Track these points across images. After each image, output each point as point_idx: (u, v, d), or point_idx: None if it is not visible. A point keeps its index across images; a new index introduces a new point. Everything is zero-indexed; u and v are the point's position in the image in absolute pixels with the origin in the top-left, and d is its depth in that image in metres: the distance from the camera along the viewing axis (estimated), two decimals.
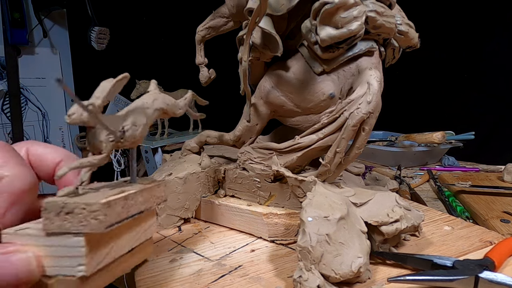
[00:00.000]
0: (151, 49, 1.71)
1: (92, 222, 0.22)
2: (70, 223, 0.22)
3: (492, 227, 0.46)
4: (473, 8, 1.08)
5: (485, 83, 1.10)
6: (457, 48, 1.14)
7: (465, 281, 0.27)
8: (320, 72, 0.36)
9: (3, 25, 1.33)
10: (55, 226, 0.22)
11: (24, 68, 1.43)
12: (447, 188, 0.65)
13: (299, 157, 0.36)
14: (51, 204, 0.21)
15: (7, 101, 1.40)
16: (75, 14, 1.50)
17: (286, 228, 0.37)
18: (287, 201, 0.38)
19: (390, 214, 0.31)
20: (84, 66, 1.58)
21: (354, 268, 0.26)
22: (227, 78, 0.69)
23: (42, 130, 1.53)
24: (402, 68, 0.57)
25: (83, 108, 0.23)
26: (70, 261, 0.22)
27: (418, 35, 0.38)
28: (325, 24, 0.31)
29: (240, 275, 0.30)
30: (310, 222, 0.27)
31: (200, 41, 0.47)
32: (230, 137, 0.44)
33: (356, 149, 0.34)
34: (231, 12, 0.43)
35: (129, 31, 1.63)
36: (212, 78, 0.48)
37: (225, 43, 0.53)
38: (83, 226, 0.22)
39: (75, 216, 0.22)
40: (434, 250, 0.34)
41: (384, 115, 0.36)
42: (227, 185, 0.43)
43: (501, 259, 0.30)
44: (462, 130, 0.89)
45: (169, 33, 1.74)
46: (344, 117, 0.32)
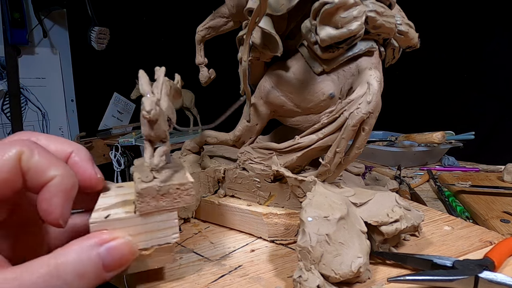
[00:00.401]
0: (151, 49, 1.71)
1: (185, 198, 0.27)
2: (166, 202, 0.26)
3: (492, 227, 0.46)
4: (473, 8, 1.08)
5: (485, 83, 1.10)
6: (457, 48, 1.14)
7: (465, 281, 0.27)
8: (320, 72, 0.35)
9: (3, 25, 1.33)
10: (151, 206, 0.26)
11: (24, 68, 1.43)
12: (447, 188, 0.65)
13: (299, 157, 0.36)
14: (146, 189, 0.25)
15: (7, 101, 1.40)
16: (75, 14, 1.50)
17: (286, 228, 0.37)
18: (287, 201, 0.38)
19: (390, 214, 0.31)
20: (84, 66, 1.58)
21: (354, 268, 0.26)
22: (227, 78, 0.69)
23: (42, 130, 1.53)
24: (402, 68, 0.57)
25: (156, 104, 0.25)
26: (165, 232, 0.27)
27: (418, 35, 0.38)
28: (325, 24, 0.30)
29: (240, 275, 0.30)
30: (310, 222, 0.27)
31: (200, 41, 0.47)
32: (230, 137, 0.44)
33: (356, 149, 0.34)
34: (231, 12, 0.43)
35: (129, 31, 1.64)
36: (212, 78, 0.48)
37: (225, 43, 0.53)
38: (177, 202, 0.26)
39: (169, 196, 0.26)
40: (434, 250, 0.34)
41: (384, 115, 0.36)
42: (227, 185, 0.43)
43: (501, 259, 0.30)
44: (462, 130, 0.89)
45: (169, 33, 1.74)
46: (344, 117, 0.32)
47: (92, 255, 0.22)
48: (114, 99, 1.71)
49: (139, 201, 0.25)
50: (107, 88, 1.67)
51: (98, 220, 0.24)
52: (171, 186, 0.26)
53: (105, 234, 0.23)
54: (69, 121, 1.60)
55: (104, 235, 0.23)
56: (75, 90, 1.60)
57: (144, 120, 0.26)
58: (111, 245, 0.23)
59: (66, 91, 1.57)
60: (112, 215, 0.25)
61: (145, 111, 0.25)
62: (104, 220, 0.24)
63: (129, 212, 0.26)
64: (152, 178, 0.26)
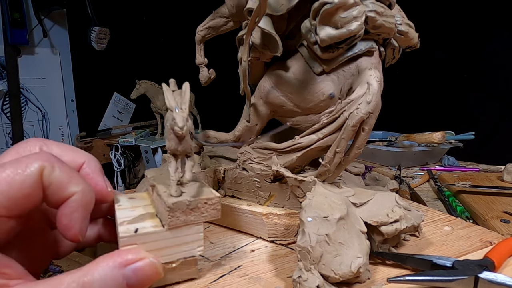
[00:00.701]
0: (151, 49, 1.71)
1: (212, 212, 0.28)
2: (194, 216, 0.27)
3: (492, 227, 0.46)
4: (473, 8, 1.08)
5: (485, 83, 1.10)
6: (457, 48, 1.14)
7: (464, 281, 0.27)
8: (320, 72, 0.35)
9: (3, 25, 1.33)
10: (180, 221, 0.26)
11: (24, 68, 1.43)
12: (447, 188, 0.65)
13: (298, 157, 0.36)
14: (177, 204, 0.26)
15: (7, 101, 1.41)
16: (75, 14, 1.50)
17: (286, 228, 0.37)
18: (287, 201, 0.38)
19: (390, 214, 0.31)
20: (84, 66, 1.58)
21: (353, 268, 0.26)
22: (227, 78, 0.69)
23: (42, 130, 1.53)
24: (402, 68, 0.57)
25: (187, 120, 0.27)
26: (191, 245, 0.28)
27: (418, 35, 0.38)
28: (324, 24, 0.30)
29: (239, 275, 0.30)
30: (309, 222, 0.27)
31: (200, 41, 0.47)
32: (230, 137, 0.44)
33: (356, 149, 0.34)
34: (231, 12, 0.43)
35: (129, 31, 1.64)
36: (212, 78, 0.48)
37: (225, 43, 0.53)
38: (204, 216, 0.27)
39: (198, 210, 0.27)
40: (434, 250, 0.34)
41: (384, 115, 0.36)
42: (226, 185, 0.43)
43: (501, 260, 0.30)
44: (462, 130, 0.89)
45: (169, 33, 1.74)
46: (343, 117, 0.32)
47: (118, 275, 0.22)
48: (114, 99, 1.71)
49: (169, 215, 0.26)
50: (107, 88, 1.67)
51: (127, 235, 0.25)
52: (200, 201, 0.27)
53: (132, 254, 0.24)
54: (69, 121, 1.60)
55: (130, 255, 0.23)
56: (75, 90, 1.60)
57: (172, 135, 0.27)
58: (136, 266, 0.23)
59: (66, 91, 1.57)
60: (140, 229, 0.26)
61: (178, 127, 0.26)
62: (133, 235, 0.25)
63: (157, 226, 0.26)
64: (181, 192, 0.27)
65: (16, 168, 0.21)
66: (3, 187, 0.21)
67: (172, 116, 0.27)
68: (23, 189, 0.21)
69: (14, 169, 0.21)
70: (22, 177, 0.21)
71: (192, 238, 0.28)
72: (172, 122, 0.26)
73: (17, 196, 0.21)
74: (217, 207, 0.28)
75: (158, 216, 0.28)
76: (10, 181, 0.21)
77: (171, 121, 0.27)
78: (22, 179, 0.21)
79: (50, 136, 1.55)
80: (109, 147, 1.51)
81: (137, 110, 1.78)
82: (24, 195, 0.21)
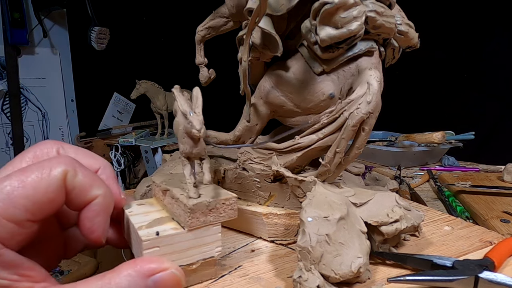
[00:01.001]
0: (151, 49, 1.71)
1: (229, 212, 0.28)
2: (213, 217, 0.28)
3: (492, 227, 0.46)
4: (473, 8, 1.08)
5: (485, 83, 1.10)
6: (457, 48, 1.14)
7: (465, 281, 0.27)
8: (320, 72, 0.35)
9: (3, 25, 1.33)
10: (200, 222, 0.27)
11: (24, 68, 1.43)
12: (447, 188, 0.65)
13: (299, 157, 0.36)
14: (197, 205, 0.26)
15: (7, 101, 1.40)
16: (75, 14, 1.50)
17: (286, 228, 0.37)
18: (287, 201, 0.38)
19: (390, 214, 0.31)
20: (84, 66, 1.58)
21: (353, 268, 0.26)
22: (227, 78, 0.69)
23: (42, 130, 1.53)
24: (402, 68, 0.57)
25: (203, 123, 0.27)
26: (210, 246, 0.28)
27: (418, 35, 0.38)
28: (324, 24, 0.30)
29: (240, 275, 0.30)
30: (310, 222, 0.27)
31: (200, 41, 0.47)
32: (230, 137, 0.44)
33: (356, 149, 0.34)
34: (231, 12, 0.43)
35: (129, 31, 1.64)
36: (212, 78, 0.48)
37: (225, 43, 0.53)
38: (222, 217, 0.28)
39: (216, 211, 0.28)
40: (434, 250, 0.34)
41: (384, 115, 0.36)
42: (227, 185, 0.43)
43: (501, 259, 0.30)
44: (462, 130, 0.89)
45: (169, 33, 1.74)
46: (344, 117, 0.32)
47: (141, 286, 0.23)
48: (114, 99, 1.71)
49: (190, 216, 0.26)
50: (107, 88, 1.67)
51: (150, 238, 0.25)
52: (218, 201, 0.28)
53: (155, 263, 0.24)
54: (69, 121, 1.60)
55: (153, 264, 0.24)
56: (75, 90, 1.60)
57: (185, 138, 0.28)
58: (159, 277, 0.23)
59: (66, 91, 1.57)
60: (161, 232, 0.26)
61: (195, 130, 0.27)
62: (156, 237, 0.25)
63: (176, 228, 0.27)
64: (199, 194, 0.28)
65: (41, 173, 0.22)
66: (28, 191, 0.21)
67: (187, 120, 0.27)
68: (47, 194, 0.22)
69: (38, 174, 0.22)
70: (47, 182, 0.22)
71: (211, 239, 0.28)
72: (188, 125, 0.27)
73: (42, 200, 0.21)
74: (234, 207, 0.29)
75: (174, 219, 0.28)
76: (36, 185, 0.21)
77: (187, 125, 0.27)
78: (47, 183, 0.22)
79: (50, 136, 1.55)
80: (109, 147, 1.51)
81: (137, 110, 1.78)
82: (48, 199, 0.22)
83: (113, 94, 1.69)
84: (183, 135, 0.29)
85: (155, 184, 0.33)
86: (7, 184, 0.21)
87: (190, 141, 0.28)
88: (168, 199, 0.30)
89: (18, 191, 0.21)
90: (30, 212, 0.21)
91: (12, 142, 1.44)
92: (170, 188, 0.30)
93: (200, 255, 0.28)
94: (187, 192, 0.28)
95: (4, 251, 0.20)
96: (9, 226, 0.20)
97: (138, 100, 1.49)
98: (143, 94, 1.42)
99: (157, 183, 0.32)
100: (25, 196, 0.21)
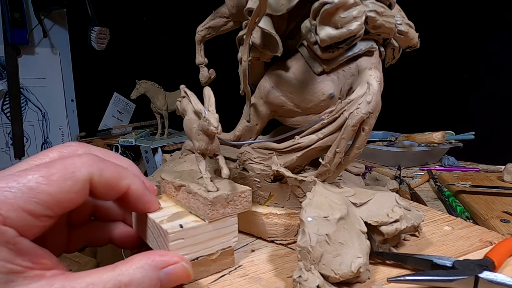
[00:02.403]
0: (151, 49, 1.71)
1: (245, 204, 0.31)
2: (230, 209, 0.30)
3: (492, 227, 0.46)
4: (473, 8, 1.08)
5: (485, 83, 1.10)
6: (457, 48, 1.14)
7: (464, 281, 0.27)
8: (320, 72, 0.35)
9: (3, 25, 1.33)
10: (220, 213, 0.29)
11: (24, 68, 1.43)
12: (447, 188, 0.65)
13: (299, 157, 0.36)
14: (217, 198, 0.28)
15: (7, 101, 1.40)
16: (75, 14, 1.50)
17: (286, 228, 0.37)
18: (287, 201, 0.38)
19: (390, 214, 0.31)
20: (84, 66, 1.58)
21: (353, 268, 0.26)
22: (227, 78, 0.69)
23: (42, 130, 1.53)
24: (402, 68, 0.57)
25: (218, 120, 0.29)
26: (228, 237, 0.30)
27: (418, 35, 0.38)
28: (324, 24, 0.30)
29: (239, 275, 0.30)
30: (309, 222, 0.27)
31: (200, 41, 0.47)
32: (230, 137, 0.44)
33: (356, 149, 0.34)
34: (231, 12, 0.43)
35: (129, 31, 1.63)
36: (212, 78, 0.48)
37: (225, 43, 0.53)
38: (238, 208, 0.30)
39: (233, 203, 0.30)
40: (434, 250, 0.34)
41: (384, 115, 0.36)
42: None
43: (501, 259, 0.30)
44: (462, 130, 0.89)
45: (169, 33, 1.74)
46: (343, 117, 0.32)
47: (154, 278, 0.24)
48: (114, 99, 1.71)
49: (210, 209, 0.28)
50: (107, 88, 1.67)
51: (175, 230, 0.27)
52: (235, 194, 0.30)
53: (166, 257, 0.25)
54: (69, 121, 1.60)
55: (165, 258, 0.25)
56: (75, 90, 1.60)
57: (201, 136, 0.30)
58: (170, 269, 0.25)
59: (66, 91, 1.57)
60: (184, 225, 0.28)
61: (213, 127, 0.28)
62: (180, 230, 0.27)
63: (197, 221, 0.29)
64: (217, 188, 0.30)
65: (66, 172, 0.23)
66: (52, 189, 0.22)
67: (204, 118, 0.29)
68: (70, 194, 0.22)
69: (64, 173, 0.22)
70: (71, 183, 0.23)
71: (228, 229, 0.30)
72: (205, 123, 0.29)
73: (64, 199, 0.22)
74: (249, 199, 0.31)
75: (192, 213, 0.30)
76: (60, 185, 0.22)
77: (204, 122, 0.29)
78: (72, 184, 0.23)
79: (50, 136, 1.55)
80: (109, 147, 1.51)
81: (137, 110, 1.78)
82: (70, 199, 0.23)
83: (113, 94, 1.69)
84: (198, 133, 0.31)
85: (165, 181, 0.34)
86: (32, 179, 0.21)
87: (206, 138, 0.30)
88: (183, 194, 0.31)
89: (43, 187, 0.21)
90: (50, 208, 0.22)
91: (12, 142, 1.44)
92: (186, 183, 0.31)
93: (219, 245, 0.30)
94: (204, 186, 0.30)
95: (20, 239, 0.21)
96: (28, 218, 0.21)
97: (138, 100, 1.49)
98: (143, 94, 1.42)
99: (168, 180, 0.33)
100: (48, 193, 0.22)
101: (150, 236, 0.29)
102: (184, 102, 0.40)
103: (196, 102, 0.31)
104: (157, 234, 0.28)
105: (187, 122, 0.33)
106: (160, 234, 0.27)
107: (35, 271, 0.21)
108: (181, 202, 0.32)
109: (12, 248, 0.20)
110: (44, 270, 0.22)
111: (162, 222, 0.28)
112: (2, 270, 0.20)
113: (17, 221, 0.21)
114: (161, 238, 0.27)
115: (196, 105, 0.31)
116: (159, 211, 0.30)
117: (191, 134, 0.32)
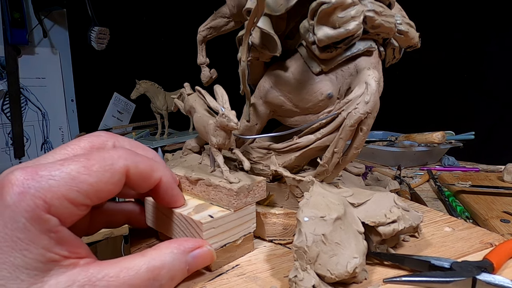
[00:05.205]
0: (151, 49, 1.71)
1: (261, 193, 0.34)
2: (251, 198, 0.32)
3: (492, 227, 0.46)
4: (473, 8, 1.08)
5: (485, 83, 1.09)
6: (457, 48, 1.14)
7: (462, 282, 0.27)
8: (319, 72, 0.35)
9: (3, 25, 1.33)
10: (242, 203, 0.32)
11: (24, 68, 1.43)
12: (447, 188, 0.64)
13: (297, 157, 0.36)
14: (241, 189, 0.31)
15: (7, 101, 1.40)
16: (75, 14, 1.50)
17: (284, 228, 0.37)
18: (286, 201, 0.38)
19: (388, 214, 0.31)
20: (84, 66, 1.58)
21: (349, 268, 0.26)
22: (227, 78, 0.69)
23: (42, 130, 1.53)
24: (402, 68, 0.57)
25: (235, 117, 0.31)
26: (248, 224, 0.33)
27: (418, 35, 0.38)
28: (322, 24, 0.30)
29: (236, 274, 0.30)
30: (306, 222, 0.27)
31: (201, 41, 0.47)
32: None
33: (354, 149, 0.33)
34: (231, 12, 0.43)
35: (129, 31, 1.63)
36: (214, 78, 0.48)
37: (227, 43, 0.53)
38: (256, 197, 0.33)
39: (253, 192, 0.32)
40: (433, 251, 0.34)
41: (384, 115, 0.36)
42: None
43: (501, 261, 0.30)
44: (462, 130, 0.88)
45: (169, 33, 1.74)
46: (342, 117, 0.32)
47: (182, 261, 0.26)
48: (114, 99, 1.70)
49: (235, 199, 0.31)
50: (107, 88, 1.67)
51: (208, 221, 0.29)
52: (255, 184, 0.32)
53: (191, 242, 0.27)
54: (69, 121, 1.60)
55: (191, 243, 0.27)
56: (75, 90, 1.60)
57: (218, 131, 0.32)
58: (197, 253, 0.27)
59: (66, 91, 1.57)
60: (213, 215, 0.30)
61: (233, 123, 0.31)
62: (212, 220, 0.29)
63: (223, 211, 0.31)
64: (239, 179, 0.32)
65: (104, 164, 0.23)
66: (93, 179, 0.23)
67: (223, 114, 0.31)
68: (108, 185, 0.23)
69: (103, 164, 0.23)
70: (110, 174, 0.23)
71: (249, 217, 0.33)
72: (225, 119, 0.31)
73: (103, 189, 0.23)
74: (264, 188, 0.34)
75: (214, 204, 0.33)
76: (100, 176, 0.23)
77: (223, 119, 0.31)
78: (110, 175, 0.23)
79: (50, 136, 1.55)
80: None
81: (137, 110, 1.78)
82: (108, 189, 0.24)
83: (113, 94, 1.69)
84: (215, 129, 0.33)
85: (178, 176, 0.36)
86: (74, 168, 0.22)
87: (223, 133, 0.32)
88: (201, 187, 0.34)
89: (84, 177, 0.22)
90: (89, 198, 0.23)
91: (12, 142, 1.44)
92: (205, 177, 0.33)
93: (242, 232, 0.32)
94: (225, 178, 0.32)
95: (61, 228, 0.22)
96: (69, 207, 0.22)
97: (138, 100, 1.49)
98: (143, 94, 1.42)
99: (181, 175, 0.35)
100: (89, 183, 0.22)
101: (175, 229, 0.32)
102: (190, 100, 0.40)
103: (211, 100, 0.33)
104: (184, 226, 0.30)
105: (198, 119, 0.35)
106: (191, 226, 0.30)
107: (71, 259, 0.22)
108: (199, 195, 0.34)
109: (53, 237, 0.21)
110: (78, 259, 0.22)
111: (190, 214, 0.30)
112: (41, 259, 0.20)
113: (60, 210, 0.21)
114: (192, 229, 0.30)
115: (211, 103, 0.33)
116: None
117: (206, 130, 0.34)
